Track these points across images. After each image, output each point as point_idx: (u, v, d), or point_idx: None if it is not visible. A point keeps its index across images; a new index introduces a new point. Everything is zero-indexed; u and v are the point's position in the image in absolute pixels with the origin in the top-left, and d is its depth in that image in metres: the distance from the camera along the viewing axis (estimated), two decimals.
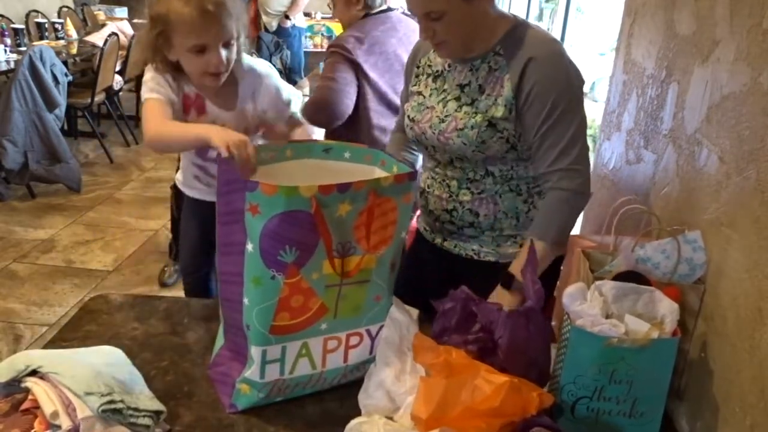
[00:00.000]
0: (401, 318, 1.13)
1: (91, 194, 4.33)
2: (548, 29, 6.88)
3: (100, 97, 5.02)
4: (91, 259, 3.41)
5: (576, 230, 2.21)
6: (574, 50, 4.97)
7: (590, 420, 1.01)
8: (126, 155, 5.25)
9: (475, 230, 1.39)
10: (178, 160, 1.89)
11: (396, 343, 1.09)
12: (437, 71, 1.41)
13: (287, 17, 5.37)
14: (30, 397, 0.96)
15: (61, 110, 4.27)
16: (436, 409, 0.91)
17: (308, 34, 7.02)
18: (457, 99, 1.34)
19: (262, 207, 0.98)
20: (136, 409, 0.96)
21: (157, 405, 1.01)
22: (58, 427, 0.90)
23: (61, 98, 4.21)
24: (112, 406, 0.93)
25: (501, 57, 1.28)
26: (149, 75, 1.48)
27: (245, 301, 1.05)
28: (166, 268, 3.25)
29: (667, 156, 1.30)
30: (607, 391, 0.99)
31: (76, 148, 5.16)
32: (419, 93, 1.43)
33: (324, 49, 5.56)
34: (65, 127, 5.11)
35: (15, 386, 0.98)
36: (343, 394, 1.13)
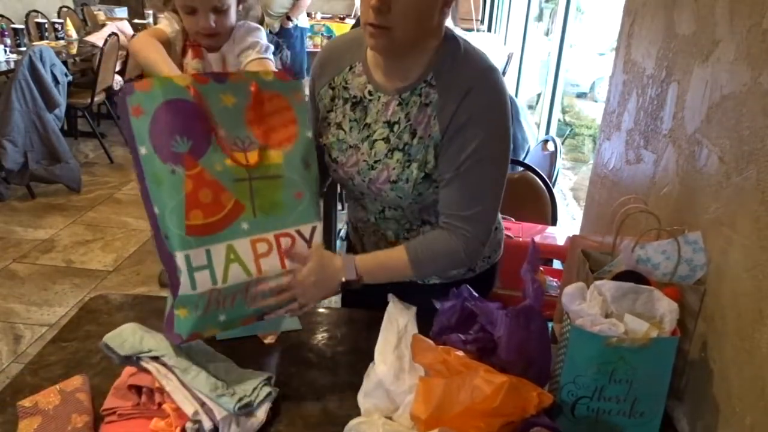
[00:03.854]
0: (399, 317, 1.13)
1: (91, 194, 4.34)
2: (548, 29, 6.88)
3: (100, 97, 5.03)
4: (91, 259, 3.42)
5: (576, 230, 2.22)
6: (574, 50, 4.97)
7: (590, 420, 1.01)
8: (126, 155, 5.25)
9: None
10: None
11: (394, 342, 1.09)
12: (355, 97, 1.22)
13: (289, 18, 5.39)
14: (138, 376, 1.04)
15: (61, 110, 4.28)
16: (436, 408, 0.91)
17: (309, 34, 7.04)
18: (386, 140, 1.19)
19: (144, 105, 1.00)
20: (248, 394, 1.02)
21: (259, 374, 1.07)
22: (196, 424, 0.97)
23: (61, 98, 4.21)
24: (245, 401, 1.00)
25: (432, 89, 1.14)
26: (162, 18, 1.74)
27: (156, 211, 1.03)
28: None
29: (667, 156, 1.30)
30: (606, 391, 0.99)
31: (76, 148, 5.17)
32: (338, 125, 1.25)
33: None
34: (65, 127, 5.12)
35: (132, 360, 1.05)
36: (343, 394, 1.13)
